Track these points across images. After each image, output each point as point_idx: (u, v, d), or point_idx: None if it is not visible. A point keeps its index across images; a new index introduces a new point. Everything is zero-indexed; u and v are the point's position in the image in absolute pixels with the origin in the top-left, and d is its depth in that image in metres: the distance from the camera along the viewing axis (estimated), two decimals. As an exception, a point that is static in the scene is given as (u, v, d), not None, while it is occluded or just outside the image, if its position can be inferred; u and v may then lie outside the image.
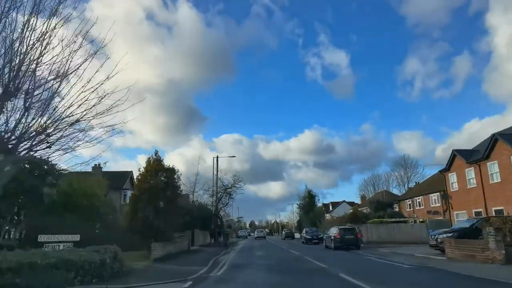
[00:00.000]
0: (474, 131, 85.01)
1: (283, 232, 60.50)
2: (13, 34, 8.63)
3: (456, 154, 27.15)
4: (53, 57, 9.05)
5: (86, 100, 9.28)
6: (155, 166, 17.76)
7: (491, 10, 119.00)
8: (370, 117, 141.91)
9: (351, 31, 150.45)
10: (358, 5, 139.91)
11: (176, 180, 18.42)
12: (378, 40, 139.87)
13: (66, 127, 9.25)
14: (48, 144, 9.28)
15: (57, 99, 9.61)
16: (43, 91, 9.18)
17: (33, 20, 8.80)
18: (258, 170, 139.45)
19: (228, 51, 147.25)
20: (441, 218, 35.83)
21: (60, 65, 9.14)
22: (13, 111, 8.91)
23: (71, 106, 9.27)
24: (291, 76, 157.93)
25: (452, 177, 26.48)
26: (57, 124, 9.14)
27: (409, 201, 47.03)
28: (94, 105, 9.35)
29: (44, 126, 9.01)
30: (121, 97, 9.97)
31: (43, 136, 9.07)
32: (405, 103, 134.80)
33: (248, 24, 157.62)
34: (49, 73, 9.16)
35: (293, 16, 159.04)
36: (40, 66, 8.91)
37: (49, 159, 11.26)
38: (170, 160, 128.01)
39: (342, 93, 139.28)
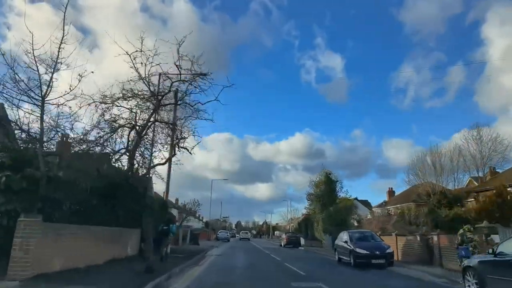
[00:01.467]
0: (463, 142, 77.16)
1: (284, 236, 39.91)
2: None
3: None
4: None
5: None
6: None
7: (488, 21, 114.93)
8: (362, 123, 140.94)
9: (348, 36, 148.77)
10: (357, 11, 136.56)
11: None
12: (374, 46, 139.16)
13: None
14: None
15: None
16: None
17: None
18: (247, 170, 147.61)
19: (223, 48, 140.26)
20: None
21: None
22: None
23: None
24: (286, 77, 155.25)
25: None
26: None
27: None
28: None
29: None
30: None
31: None
32: (397, 111, 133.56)
33: (244, 22, 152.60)
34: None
35: (290, 17, 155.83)
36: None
37: None
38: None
39: (335, 97, 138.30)
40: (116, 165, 13.28)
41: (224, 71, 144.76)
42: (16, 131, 10.39)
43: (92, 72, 10.51)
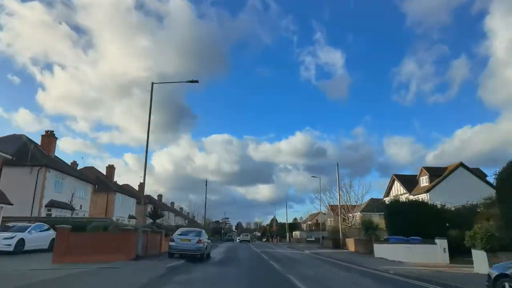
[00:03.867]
0: (465, 139, 74.44)
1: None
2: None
3: None
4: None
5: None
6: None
7: (491, 13, 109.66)
8: (363, 120, 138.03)
9: (348, 30, 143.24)
10: (356, 3, 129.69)
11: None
12: (375, 41, 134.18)
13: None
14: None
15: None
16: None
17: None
18: (247, 171, 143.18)
19: (220, 46, 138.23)
20: None
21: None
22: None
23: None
24: (285, 74, 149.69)
25: None
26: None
27: None
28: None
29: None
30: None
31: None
32: (399, 107, 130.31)
33: (242, 18, 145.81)
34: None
35: (289, 12, 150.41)
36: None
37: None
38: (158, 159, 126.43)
39: (336, 94, 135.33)
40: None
41: (222, 68, 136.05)
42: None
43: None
